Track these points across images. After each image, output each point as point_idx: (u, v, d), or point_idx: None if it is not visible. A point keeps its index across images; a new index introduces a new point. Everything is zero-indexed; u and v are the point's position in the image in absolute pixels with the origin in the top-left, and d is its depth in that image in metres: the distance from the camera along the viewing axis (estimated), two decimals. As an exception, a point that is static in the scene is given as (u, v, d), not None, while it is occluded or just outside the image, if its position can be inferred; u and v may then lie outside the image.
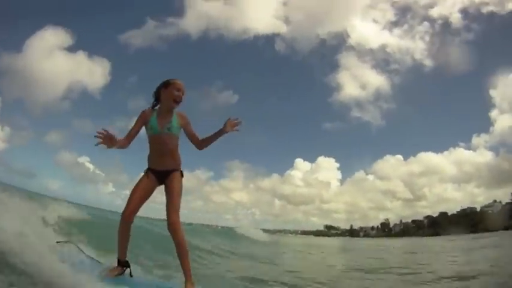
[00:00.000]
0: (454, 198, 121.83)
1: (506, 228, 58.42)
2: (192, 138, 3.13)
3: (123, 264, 2.99)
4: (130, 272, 2.98)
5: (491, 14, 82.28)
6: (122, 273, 2.95)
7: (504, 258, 9.73)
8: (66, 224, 5.85)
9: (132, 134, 2.99)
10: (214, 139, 3.11)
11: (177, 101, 3.01)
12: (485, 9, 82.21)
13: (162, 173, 3.02)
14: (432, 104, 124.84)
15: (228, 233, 16.45)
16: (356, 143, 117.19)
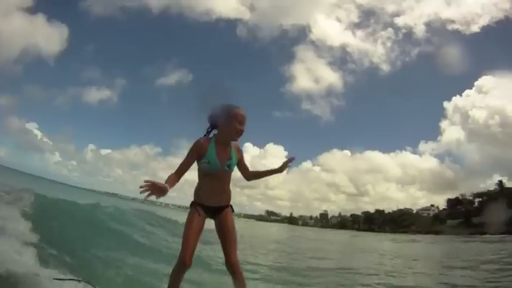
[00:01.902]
0: (396, 198, 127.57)
1: (436, 233, 59.27)
2: (244, 171, 2.91)
3: None
4: None
5: (455, 32, 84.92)
6: None
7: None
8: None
9: (184, 170, 2.66)
10: (266, 175, 2.96)
11: (239, 135, 2.72)
12: (450, 26, 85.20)
13: (214, 208, 2.77)
14: (384, 107, 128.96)
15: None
16: (305, 134, 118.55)
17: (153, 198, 2.32)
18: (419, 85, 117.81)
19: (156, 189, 2.31)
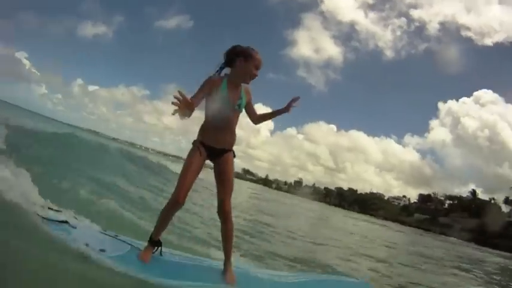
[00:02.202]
0: (371, 181, 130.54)
1: (402, 223, 60.31)
2: (252, 113, 2.77)
3: (155, 243, 2.57)
4: (161, 251, 2.58)
5: (468, 39, 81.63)
6: (154, 252, 2.57)
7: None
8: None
9: (196, 101, 2.44)
10: (272, 117, 2.80)
11: (252, 79, 2.63)
12: (464, 33, 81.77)
13: (216, 150, 2.62)
14: (379, 91, 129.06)
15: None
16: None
17: (180, 115, 2.22)
18: (418, 79, 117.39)
19: (186, 104, 2.20)
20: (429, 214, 67.65)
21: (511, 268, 15.09)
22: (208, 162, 2.61)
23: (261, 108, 2.84)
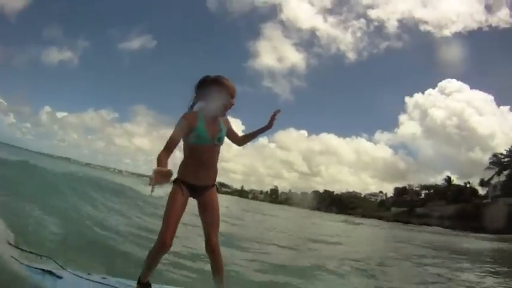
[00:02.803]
0: (347, 181, 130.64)
1: (380, 218, 59.61)
2: (234, 138, 2.79)
3: (144, 285, 2.57)
4: None
5: (427, 33, 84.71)
6: None
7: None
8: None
9: (173, 145, 2.42)
10: (255, 135, 2.83)
11: (228, 109, 2.58)
12: (422, 27, 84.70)
13: (199, 187, 2.59)
14: (345, 93, 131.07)
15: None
16: (263, 110, 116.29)
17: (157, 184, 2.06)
18: (383, 77, 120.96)
19: (163, 176, 2.07)
20: (406, 206, 67.41)
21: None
22: None
23: (230, 121, 2.71)
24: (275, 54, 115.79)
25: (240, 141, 2.77)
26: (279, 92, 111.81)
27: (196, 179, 2.50)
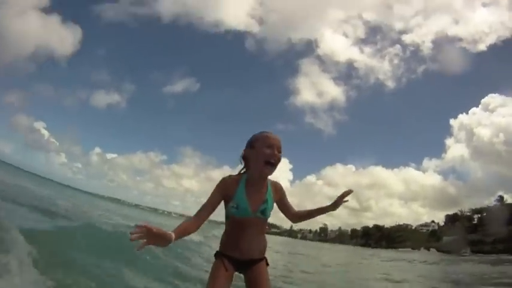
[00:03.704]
0: (398, 213, 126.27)
1: (427, 248, 57.87)
2: (287, 211, 2.29)
3: None
4: None
5: (462, 49, 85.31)
6: None
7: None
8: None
9: (205, 213, 2.01)
10: (316, 215, 2.33)
11: (271, 163, 2.02)
12: (457, 44, 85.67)
13: (244, 261, 2.15)
14: (387, 123, 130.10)
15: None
16: (308, 147, 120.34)
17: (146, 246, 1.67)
18: (424, 102, 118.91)
19: (154, 236, 1.65)
20: (457, 234, 64.10)
21: None
22: None
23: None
24: (314, 89, 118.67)
25: (294, 217, 2.32)
26: (321, 127, 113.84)
27: (239, 252, 2.14)
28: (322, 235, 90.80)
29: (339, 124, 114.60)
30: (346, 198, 2.22)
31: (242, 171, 2.15)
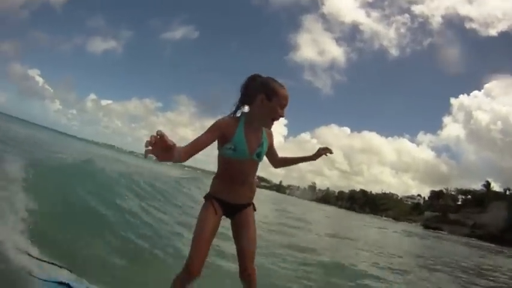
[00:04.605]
0: (389, 182, 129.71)
1: (410, 221, 60.07)
2: (272, 157, 2.35)
3: None
4: None
5: (472, 31, 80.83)
6: None
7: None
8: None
9: (198, 146, 1.92)
10: (296, 163, 2.45)
11: (277, 120, 2.10)
12: (468, 25, 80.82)
13: (234, 205, 2.18)
14: (387, 90, 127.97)
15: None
16: (304, 105, 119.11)
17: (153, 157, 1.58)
18: (426, 75, 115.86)
19: (161, 147, 1.58)
20: (440, 211, 65.92)
21: None
22: None
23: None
24: (316, 47, 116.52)
25: (278, 162, 2.38)
26: (319, 86, 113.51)
27: (231, 196, 2.15)
28: (310, 193, 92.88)
29: (337, 85, 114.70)
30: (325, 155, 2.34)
31: (238, 111, 2.12)
